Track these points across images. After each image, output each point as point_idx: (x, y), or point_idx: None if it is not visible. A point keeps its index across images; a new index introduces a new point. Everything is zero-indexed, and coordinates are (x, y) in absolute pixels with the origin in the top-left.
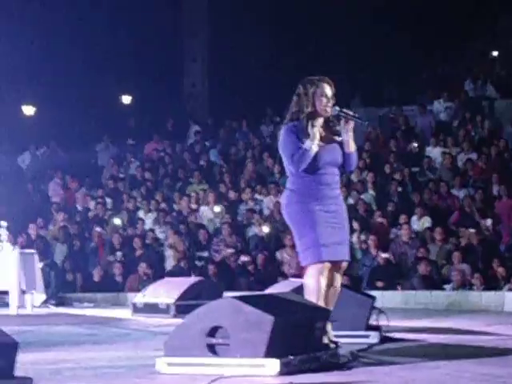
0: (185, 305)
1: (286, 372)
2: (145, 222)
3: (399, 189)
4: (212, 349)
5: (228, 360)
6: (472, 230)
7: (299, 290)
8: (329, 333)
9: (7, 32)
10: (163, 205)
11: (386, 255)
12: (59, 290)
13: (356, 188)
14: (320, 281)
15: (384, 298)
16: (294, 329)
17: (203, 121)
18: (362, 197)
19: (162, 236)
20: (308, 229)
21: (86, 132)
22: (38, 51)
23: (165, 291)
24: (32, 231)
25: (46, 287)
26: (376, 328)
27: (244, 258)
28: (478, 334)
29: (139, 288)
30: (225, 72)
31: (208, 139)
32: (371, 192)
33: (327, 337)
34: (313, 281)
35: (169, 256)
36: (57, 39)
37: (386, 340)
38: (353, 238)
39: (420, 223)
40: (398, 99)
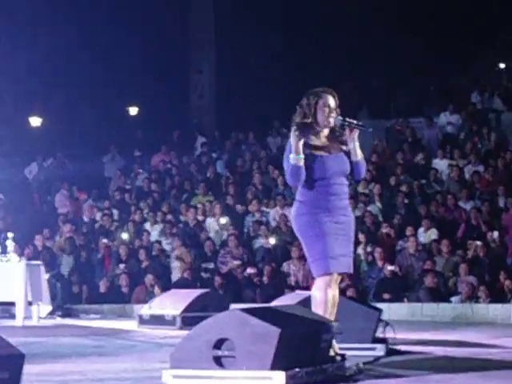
0: (191, 316)
1: None
2: (151, 234)
3: (406, 201)
4: (218, 361)
5: (234, 372)
6: (479, 243)
7: (306, 303)
8: (334, 345)
9: (15, 44)
10: (169, 216)
11: (392, 268)
12: (65, 302)
13: (363, 200)
14: (327, 293)
15: (390, 311)
16: (301, 341)
17: (210, 133)
18: (369, 209)
19: (169, 247)
20: (316, 240)
21: (93, 143)
22: (46, 63)
23: (171, 303)
24: (38, 242)
25: (52, 299)
26: (382, 340)
27: (250, 271)
28: (485, 347)
29: (146, 299)
30: (232, 84)
31: (215, 151)
32: (378, 204)
33: (333, 349)
34: (320, 293)
35: (175, 267)
36: (64, 51)
37: (393, 353)
38: (359, 250)
39: (426, 235)
40: (405, 111)
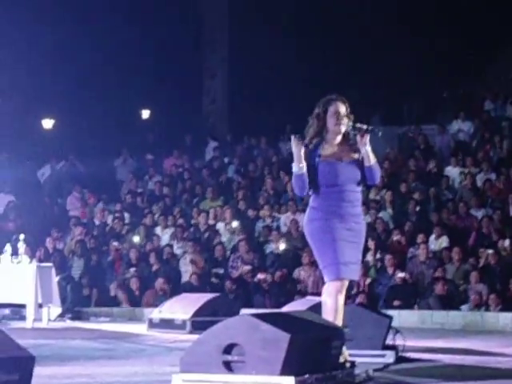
0: (201, 321)
1: None
2: (161, 238)
3: (417, 208)
4: (228, 366)
5: (244, 377)
6: (490, 251)
7: (316, 308)
8: (344, 352)
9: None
10: (181, 220)
11: (403, 275)
12: (75, 305)
13: (374, 206)
14: (338, 299)
15: (401, 318)
16: (311, 347)
17: (222, 137)
18: (380, 215)
19: (179, 252)
20: (328, 246)
21: (105, 146)
22: (58, 65)
23: (181, 307)
24: (49, 245)
25: (63, 301)
26: (392, 347)
27: (260, 276)
28: (495, 356)
29: (156, 303)
30: (245, 88)
31: (226, 155)
32: (389, 211)
33: (343, 356)
34: (331, 299)
35: (185, 271)
36: (77, 53)
37: (402, 360)
38: (370, 257)
39: (438, 243)
40: (418, 118)
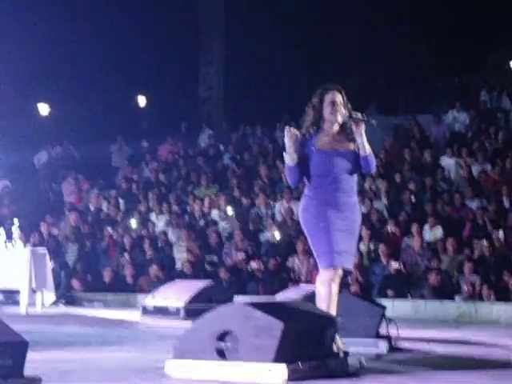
0: (194, 308)
1: (295, 378)
2: (156, 225)
3: (412, 198)
4: (221, 353)
5: (237, 364)
6: (485, 242)
7: (310, 297)
8: (338, 341)
9: (22, 31)
10: (176, 207)
11: (397, 265)
12: (69, 290)
13: (369, 196)
14: (332, 287)
15: (394, 308)
16: (304, 335)
17: (218, 125)
18: (375, 205)
19: (174, 238)
20: (323, 234)
21: (101, 132)
22: (54, 51)
23: (175, 294)
24: (44, 230)
25: (56, 287)
26: (385, 337)
27: (254, 265)
28: (488, 346)
29: (150, 290)
30: (241, 76)
31: (222, 143)
32: (384, 201)
33: (336, 345)
34: (324, 287)
35: (179, 259)
36: (73, 39)
37: (395, 349)
38: (364, 246)
39: (432, 233)
40: (413, 108)
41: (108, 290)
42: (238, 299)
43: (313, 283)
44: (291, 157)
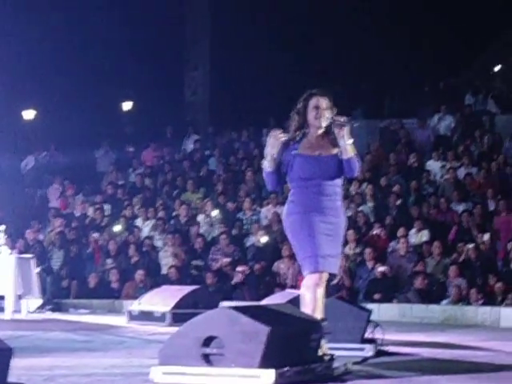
0: (181, 313)
1: (281, 383)
2: (142, 230)
3: (398, 202)
4: (207, 358)
5: (222, 370)
6: (471, 245)
7: (296, 301)
8: (323, 345)
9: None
10: (161, 213)
11: (383, 269)
12: (55, 296)
13: (355, 200)
14: (316, 292)
15: (380, 311)
16: (290, 340)
17: (204, 129)
18: (361, 209)
19: (160, 243)
20: (306, 239)
21: (86, 137)
22: (40, 56)
23: (161, 299)
24: (29, 236)
25: (42, 293)
26: (371, 341)
27: (239, 269)
28: (473, 350)
29: (136, 295)
30: (226, 81)
31: (208, 148)
32: (370, 204)
33: (322, 349)
34: (309, 292)
35: (165, 264)
36: (58, 44)
37: (381, 353)
38: (350, 250)
39: (418, 237)
40: (399, 112)
41: (93, 296)
42: (224, 305)
43: (299, 288)
44: (269, 163)
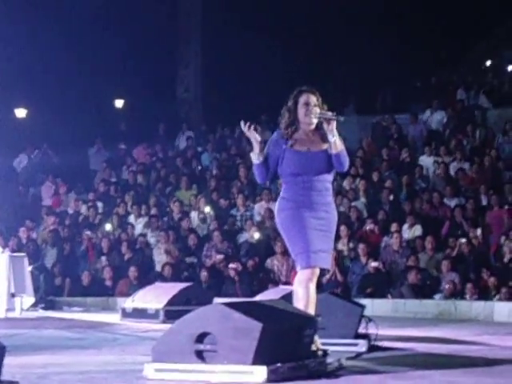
0: (174, 310)
1: (274, 379)
2: (135, 227)
3: (391, 197)
4: (200, 355)
5: (215, 367)
6: (463, 240)
7: (289, 297)
8: (316, 341)
9: None
10: (154, 210)
11: (376, 264)
12: (48, 294)
13: (348, 195)
14: (309, 287)
15: (374, 307)
16: (283, 336)
17: (196, 126)
18: (354, 204)
19: (153, 241)
20: (298, 235)
21: (79, 135)
22: (31, 54)
23: (154, 296)
24: (23, 234)
25: (35, 291)
26: (365, 336)
27: (232, 266)
28: (467, 344)
29: (129, 293)
30: (218, 78)
31: (200, 145)
32: (363, 200)
33: (315, 345)
34: (302, 287)
35: (158, 261)
36: (49, 42)
37: (375, 349)
38: (343, 246)
39: (411, 232)
40: (391, 107)
41: (87, 294)
42: (218, 301)
43: (292, 284)
44: (256, 155)
